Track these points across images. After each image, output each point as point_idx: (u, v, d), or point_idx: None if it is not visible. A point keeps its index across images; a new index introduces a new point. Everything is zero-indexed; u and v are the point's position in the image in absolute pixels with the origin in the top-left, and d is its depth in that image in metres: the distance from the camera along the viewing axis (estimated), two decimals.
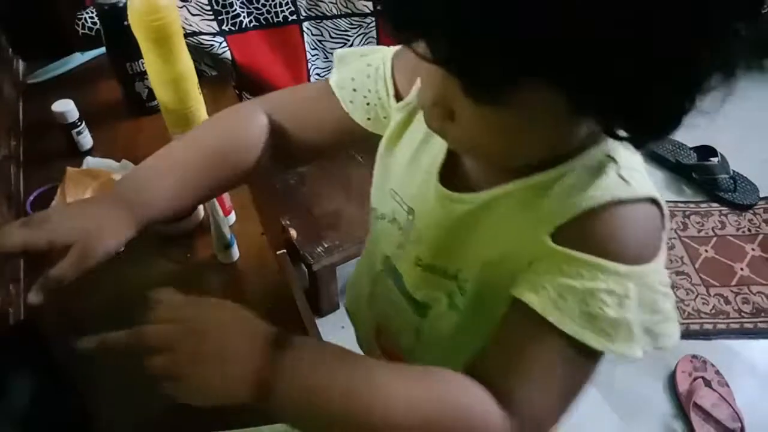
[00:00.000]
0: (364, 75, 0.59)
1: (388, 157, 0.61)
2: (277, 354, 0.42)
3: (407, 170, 0.57)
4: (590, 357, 0.44)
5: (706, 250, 1.79)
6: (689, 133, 2.06)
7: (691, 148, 2.03)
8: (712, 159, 1.96)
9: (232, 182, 0.61)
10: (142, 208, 0.53)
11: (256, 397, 0.41)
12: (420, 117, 0.52)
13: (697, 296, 1.67)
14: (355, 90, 0.59)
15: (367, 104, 0.59)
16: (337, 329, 1.60)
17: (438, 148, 0.55)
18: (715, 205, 1.93)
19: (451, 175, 0.54)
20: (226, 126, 0.61)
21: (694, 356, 1.52)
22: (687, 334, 1.59)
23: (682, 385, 1.47)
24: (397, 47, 0.59)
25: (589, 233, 0.44)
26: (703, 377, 1.47)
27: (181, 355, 0.41)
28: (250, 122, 0.60)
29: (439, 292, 0.57)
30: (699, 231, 1.85)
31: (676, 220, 1.88)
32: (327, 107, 0.60)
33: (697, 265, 1.75)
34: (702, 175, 1.96)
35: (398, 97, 0.58)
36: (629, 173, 0.45)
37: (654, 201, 0.45)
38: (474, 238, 0.52)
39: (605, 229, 0.43)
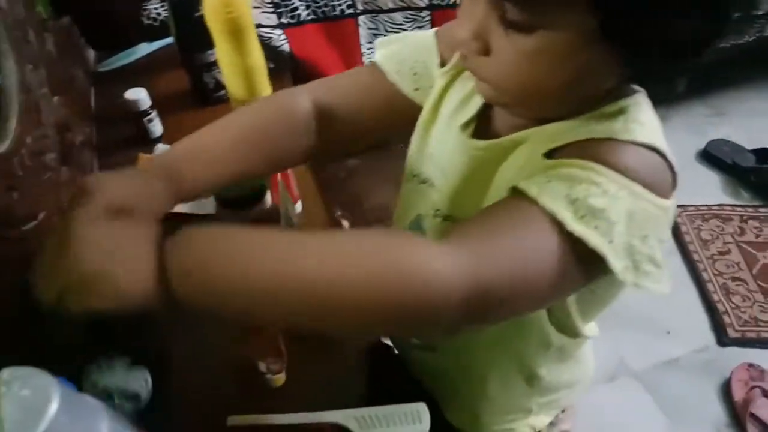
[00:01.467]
0: (410, 47, 0.61)
1: (430, 122, 0.61)
2: (168, 240, 0.40)
3: (445, 132, 0.58)
4: (565, 244, 0.40)
5: (765, 256, 1.73)
6: (747, 135, 2.02)
7: (749, 151, 1.96)
8: None
9: (275, 162, 0.61)
10: (180, 184, 0.53)
11: (157, 287, 0.38)
12: (459, 81, 0.56)
13: (754, 303, 1.62)
14: (401, 61, 0.61)
15: (414, 74, 0.60)
16: None
17: (473, 108, 0.56)
18: None
19: (481, 133, 0.55)
20: (266, 106, 0.61)
21: (751, 365, 1.47)
22: (743, 342, 1.54)
23: (738, 394, 1.43)
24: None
25: (583, 152, 0.43)
26: (760, 387, 1.43)
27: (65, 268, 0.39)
28: (292, 103, 0.60)
29: None
30: (757, 236, 1.79)
31: (733, 224, 1.82)
32: (373, 82, 0.61)
33: (754, 272, 1.70)
34: (760, 179, 1.89)
35: (442, 65, 0.60)
36: (634, 124, 0.45)
37: (652, 147, 0.45)
38: (491, 187, 0.52)
39: (600, 150, 0.43)
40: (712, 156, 1.98)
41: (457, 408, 0.72)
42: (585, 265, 0.41)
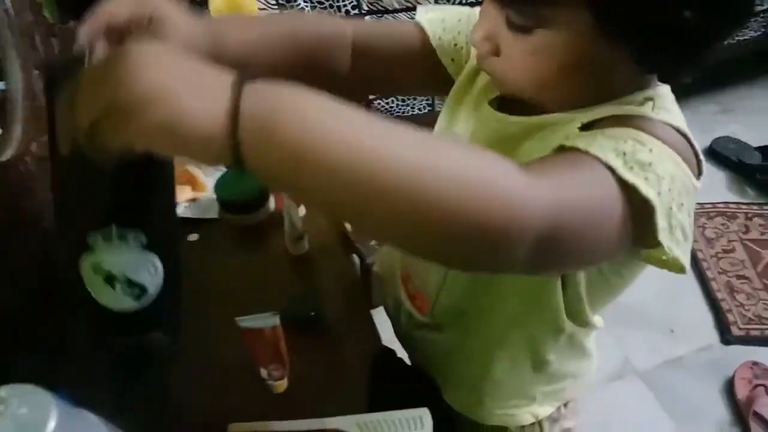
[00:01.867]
0: (455, 19, 0.62)
1: (462, 95, 0.62)
2: (244, 91, 0.34)
3: (474, 107, 0.60)
4: (620, 191, 0.40)
5: None
6: (753, 132, 2.01)
7: (755, 148, 1.96)
8: None
9: (305, 65, 0.58)
10: (217, 36, 0.51)
11: (225, 123, 0.33)
12: None
13: (758, 301, 1.62)
14: (445, 29, 0.61)
15: (455, 45, 0.62)
16: (387, 322, 1.62)
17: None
18: None
19: (510, 112, 0.55)
20: (316, 17, 0.65)
21: (755, 363, 1.48)
22: (747, 340, 1.54)
23: (741, 392, 1.43)
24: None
25: (620, 123, 0.45)
26: (764, 385, 1.43)
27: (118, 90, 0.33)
28: (338, 24, 0.61)
29: None
30: (762, 234, 1.79)
31: (738, 222, 1.82)
32: (414, 39, 0.62)
33: (758, 269, 1.70)
34: (766, 177, 1.89)
35: None
36: (659, 111, 0.47)
37: (677, 129, 0.46)
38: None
39: (636, 122, 0.45)
40: (717, 153, 1.97)
41: (461, 390, 0.73)
42: (636, 218, 0.41)
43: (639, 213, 0.41)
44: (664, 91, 0.50)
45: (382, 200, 0.34)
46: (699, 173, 0.47)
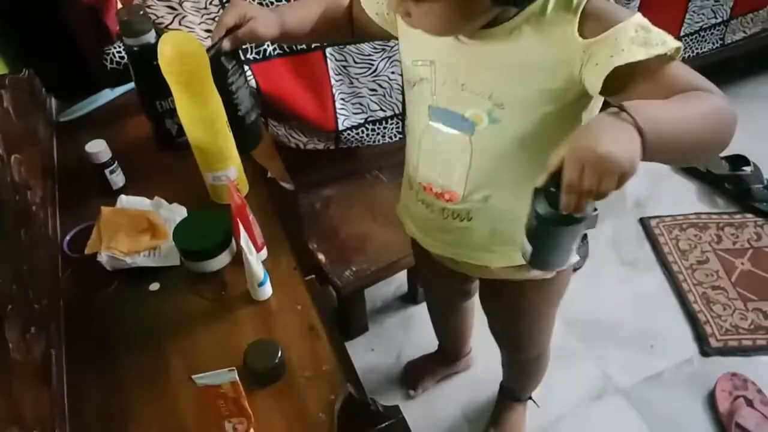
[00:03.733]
0: None
1: (405, 41, 0.83)
2: (632, 114, 0.57)
3: (420, 37, 0.74)
4: (672, 61, 0.65)
5: (742, 263, 1.75)
6: None
7: (722, 158, 1.98)
8: (744, 168, 1.91)
9: (329, 30, 0.95)
10: (282, 20, 0.88)
11: (642, 149, 0.56)
12: None
13: (734, 311, 1.63)
14: (376, 4, 0.87)
15: (387, 14, 0.86)
16: (366, 352, 1.60)
17: None
18: (749, 215, 1.88)
19: None
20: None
21: (734, 374, 1.48)
22: (725, 351, 1.55)
23: (723, 405, 1.43)
24: None
25: (593, 23, 0.66)
26: (744, 396, 1.43)
27: (609, 169, 0.54)
28: (341, 3, 0.93)
29: (480, 110, 0.75)
30: (734, 243, 1.80)
31: (710, 232, 1.84)
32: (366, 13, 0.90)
33: (733, 279, 1.71)
34: (735, 186, 1.91)
35: None
36: None
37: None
38: (496, 62, 0.72)
39: (598, 15, 0.66)
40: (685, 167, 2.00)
41: (475, 258, 0.91)
42: None
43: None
44: None
45: (701, 140, 0.63)
46: None
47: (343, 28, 0.94)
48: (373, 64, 1.48)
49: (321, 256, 1.43)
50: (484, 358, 1.53)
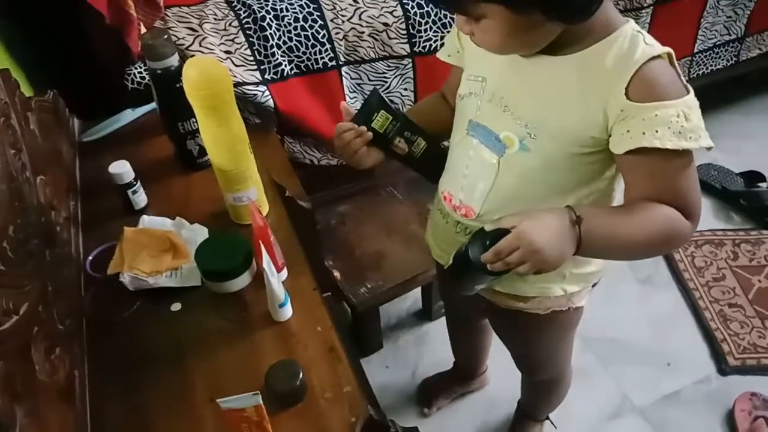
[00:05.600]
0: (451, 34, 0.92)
1: (468, 58, 0.87)
2: (580, 226, 0.68)
3: (480, 55, 0.77)
4: (692, 157, 0.70)
5: (759, 280, 1.73)
6: (735, 158, 2.03)
7: (737, 174, 1.98)
8: (760, 184, 1.90)
9: (442, 124, 0.94)
10: None
11: (575, 252, 0.68)
12: None
13: (752, 329, 1.61)
14: (450, 47, 0.92)
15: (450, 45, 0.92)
16: (381, 369, 1.60)
17: None
18: (765, 232, 1.87)
19: None
20: (437, 104, 1.00)
21: (753, 394, 1.46)
22: (744, 370, 1.53)
23: (742, 425, 1.41)
24: None
25: (644, 87, 0.67)
26: (764, 417, 1.41)
27: (535, 261, 0.66)
28: (444, 102, 0.99)
29: (514, 134, 0.77)
30: (750, 260, 1.79)
31: (726, 249, 1.82)
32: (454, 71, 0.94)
33: (750, 296, 1.69)
34: (750, 202, 1.90)
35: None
36: (649, 40, 0.70)
37: (668, 54, 0.70)
38: (541, 92, 0.75)
39: (652, 81, 0.67)
40: (701, 181, 1.99)
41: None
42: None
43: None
44: (631, 24, 0.71)
45: (636, 251, 0.76)
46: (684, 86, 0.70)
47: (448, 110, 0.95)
48: (386, 81, 1.49)
49: (336, 273, 1.44)
50: (500, 377, 1.53)
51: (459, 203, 0.87)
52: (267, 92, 1.36)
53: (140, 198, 1.01)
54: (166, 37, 0.97)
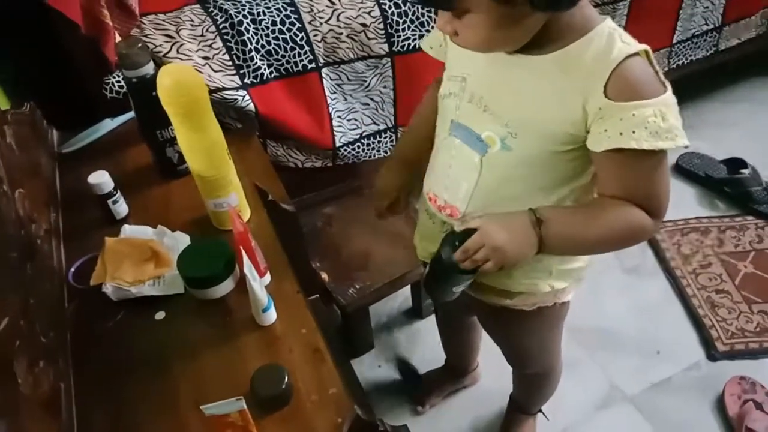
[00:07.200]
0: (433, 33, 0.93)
1: (450, 59, 0.87)
2: (541, 227, 0.73)
3: (460, 54, 0.79)
4: (665, 156, 0.71)
5: (745, 266, 1.75)
6: (717, 146, 2.05)
7: (719, 161, 2.00)
8: (742, 171, 1.92)
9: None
10: (402, 159, 1.02)
11: (537, 252, 0.74)
12: None
13: (739, 315, 1.63)
14: (431, 39, 0.93)
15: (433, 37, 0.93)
16: (373, 369, 1.60)
17: None
18: (750, 218, 1.89)
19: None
20: (428, 109, 0.95)
21: (742, 378, 1.48)
22: (733, 355, 1.54)
23: (732, 409, 1.43)
24: None
25: (622, 85, 0.67)
26: (753, 400, 1.43)
27: (497, 258, 0.73)
28: (434, 101, 0.92)
29: (495, 134, 0.78)
30: (736, 246, 1.81)
31: (711, 236, 1.84)
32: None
33: (737, 282, 1.71)
34: (734, 188, 1.92)
35: None
36: (626, 38, 0.70)
37: (645, 51, 0.69)
38: (521, 91, 0.75)
39: (629, 80, 0.67)
40: (684, 170, 2.01)
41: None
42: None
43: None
44: (608, 21, 0.71)
45: (597, 250, 0.80)
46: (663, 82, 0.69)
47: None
48: (366, 80, 1.49)
49: (324, 275, 1.44)
50: (491, 372, 1.53)
51: (444, 203, 0.88)
52: (247, 96, 1.36)
53: (121, 208, 1.01)
54: (140, 45, 0.97)
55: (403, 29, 1.45)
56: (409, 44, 1.47)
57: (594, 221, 0.74)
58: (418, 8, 1.46)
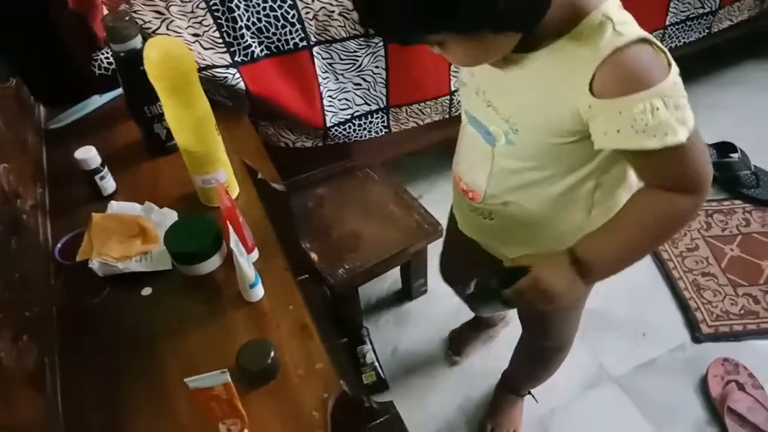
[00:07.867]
0: None
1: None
2: (580, 266, 0.75)
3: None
4: (679, 141, 0.64)
5: (732, 249, 1.77)
6: (707, 129, 2.04)
7: (709, 145, 2.00)
8: (731, 155, 1.93)
9: None
10: None
11: (587, 289, 0.84)
12: None
13: (725, 297, 1.65)
14: None
15: None
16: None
17: None
18: (738, 202, 1.90)
19: None
20: None
21: (726, 359, 1.50)
22: (717, 337, 1.56)
23: (715, 390, 1.45)
24: None
25: (608, 81, 0.64)
26: (735, 380, 1.45)
27: (545, 300, 0.77)
28: None
29: (499, 129, 0.79)
30: (723, 230, 1.82)
31: (699, 219, 1.85)
32: None
33: (723, 265, 1.73)
34: (722, 172, 1.93)
35: None
36: (621, 26, 0.64)
37: (642, 39, 0.64)
38: (516, 89, 0.75)
39: (615, 75, 0.63)
40: None
41: (515, 247, 0.93)
42: None
43: None
44: (608, 6, 0.66)
45: (646, 252, 0.78)
46: (669, 63, 0.65)
47: None
48: (358, 60, 1.48)
49: (314, 255, 1.44)
50: (480, 354, 1.55)
51: (467, 186, 0.92)
52: (237, 75, 1.34)
53: (108, 184, 1.00)
54: (128, 18, 0.96)
55: None
56: None
57: (624, 230, 0.74)
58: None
